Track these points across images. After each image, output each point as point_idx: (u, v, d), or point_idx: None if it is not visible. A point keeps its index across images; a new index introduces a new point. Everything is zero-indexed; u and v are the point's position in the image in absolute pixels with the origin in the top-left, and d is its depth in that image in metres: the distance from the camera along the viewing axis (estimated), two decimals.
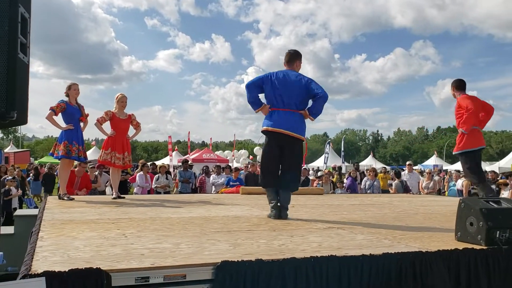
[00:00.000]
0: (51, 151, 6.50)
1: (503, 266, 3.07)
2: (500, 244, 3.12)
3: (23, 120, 2.57)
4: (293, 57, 4.83)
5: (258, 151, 31.77)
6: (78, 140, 6.32)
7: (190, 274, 2.47)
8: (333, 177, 13.09)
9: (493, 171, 14.32)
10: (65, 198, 6.25)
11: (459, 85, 6.28)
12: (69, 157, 6.26)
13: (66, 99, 6.39)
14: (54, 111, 6.18)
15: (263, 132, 4.73)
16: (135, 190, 11.02)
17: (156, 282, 2.40)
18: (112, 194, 6.83)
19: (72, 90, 6.42)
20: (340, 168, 18.89)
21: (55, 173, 16.50)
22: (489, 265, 3.04)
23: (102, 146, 6.96)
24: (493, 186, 9.39)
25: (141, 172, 10.86)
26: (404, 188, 11.70)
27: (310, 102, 4.72)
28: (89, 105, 6.64)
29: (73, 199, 6.30)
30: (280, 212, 4.59)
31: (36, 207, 11.99)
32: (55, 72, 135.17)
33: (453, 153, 6.37)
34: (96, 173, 10.90)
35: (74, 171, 8.79)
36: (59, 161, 6.55)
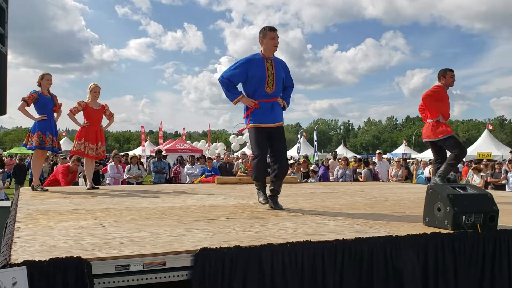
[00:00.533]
0: (24, 142, 6.40)
1: (468, 249, 3.24)
2: (466, 228, 3.29)
3: (2, 111, 2.55)
4: None
5: (233, 139, 31.81)
6: (52, 131, 6.25)
7: (170, 262, 2.52)
8: (307, 166, 13.26)
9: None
10: (39, 189, 6.17)
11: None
12: (42, 148, 6.18)
13: (38, 89, 6.29)
14: (26, 101, 6.07)
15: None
16: (107, 181, 10.94)
17: (136, 269, 2.44)
18: (86, 185, 6.77)
19: (45, 80, 6.32)
20: (306, 156, 19.10)
21: (26, 164, 16.18)
22: (455, 248, 3.19)
23: (75, 136, 6.88)
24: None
25: (112, 163, 10.78)
26: (373, 176, 12.01)
27: None
28: (59, 95, 6.49)
29: (47, 190, 6.22)
30: (275, 203, 4.57)
31: (7, 198, 11.74)
32: (23, 61, 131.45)
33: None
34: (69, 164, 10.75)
35: (69, 166, 8.69)
36: (33, 152, 6.46)
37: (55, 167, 11.10)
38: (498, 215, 3.45)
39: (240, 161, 14.25)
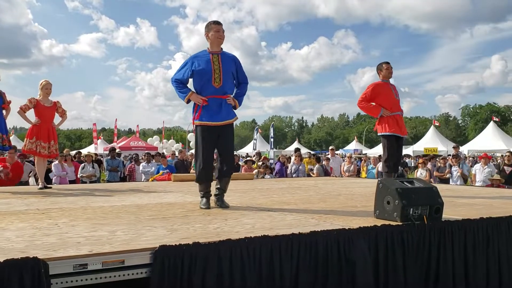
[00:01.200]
0: None
1: (416, 240, 3.43)
2: (413, 220, 3.47)
3: None
4: None
5: (191, 137, 31.60)
6: (1, 129, 6.01)
7: (129, 260, 2.54)
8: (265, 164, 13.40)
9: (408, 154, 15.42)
10: None
11: None
12: (3, 148, 5.94)
13: None
14: None
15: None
16: (53, 180, 10.55)
17: (94, 268, 2.44)
18: (38, 184, 6.57)
19: None
20: (258, 153, 19.24)
21: None
22: (404, 239, 3.37)
23: (26, 135, 6.64)
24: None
25: (57, 161, 10.44)
26: (325, 172, 12.33)
27: None
28: (6, 92, 6.23)
29: None
30: (221, 201, 4.54)
31: None
32: None
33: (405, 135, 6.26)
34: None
35: (5, 159, 8.35)
36: None
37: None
38: (442, 207, 3.66)
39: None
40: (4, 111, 6.20)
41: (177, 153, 14.44)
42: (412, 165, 24.87)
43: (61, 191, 6.27)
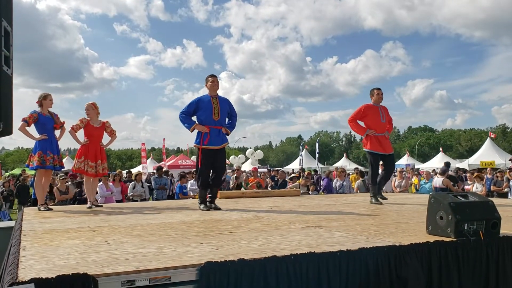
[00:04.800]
0: (26, 163, 6.44)
1: (472, 256, 3.25)
2: (468, 235, 3.30)
3: (8, 131, 2.61)
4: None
5: (233, 160, 32.14)
6: (53, 150, 6.28)
7: (175, 276, 2.54)
8: (311, 179, 13.29)
9: (464, 168, 14.80)
10: (42, 208, 6.17)
11: None
12: (44, 167, 6.21)
13: (38, 109, 6.34)
14: (26, 122, 6.12)
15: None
16: (98, 201, 10.80)
17: (142, 285, 2.46)
18: (87, 204, 6.77)
19: (48, 100, 6.38)
20: (302, 169, 19.09)
21: (29, 184, 16.20)
22: (459, 256, 3.21)
23: (76, 155, 6.89)
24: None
25: (101, 182, 10.71)
26: (366, 188, 12.00)
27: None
28: (60, 115, 6.51)
29: (51, 209, 6.23)
30: (213, 205, 6.07)
31: (10, 219, 11.76)
32: (22, 81, 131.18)
33: (390, 153, 6.96)
34: (68, 183, 10.78)
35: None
36: (35, 172, 6.49)
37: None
38: (500, 222, 3.46)
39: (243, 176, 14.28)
40: (58, 132, 6.49)
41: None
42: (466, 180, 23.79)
43: (111, 209, 6.44)
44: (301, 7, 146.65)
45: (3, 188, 16.31)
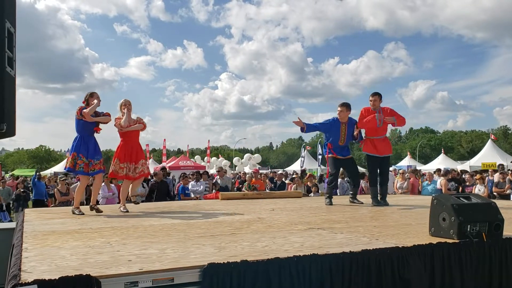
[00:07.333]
0: (66, 166, 6.17)
1: (475, 257, 3.24)
2: (471, 237, 3.29)
3: (11, 132, 2.61)
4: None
5: (237, 162, 32.34)
6: (88, 154, 5.90)
7: (178, 277, 2.55)
8: (314, 179, 13.28)
9: (465, 170, 14.79)
10: (76, 212, 5.87)
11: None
12: (73, 171, 6.00)
13: (86, 110, 5.89)
14: (83, 109, 5.84)
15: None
16: (99, 202, 10.74)
17: (145, 286, 2.46)
18: (121, 207, 6.35)
19: (95, 98, 5.98)
20: (303, 171, 19.05)
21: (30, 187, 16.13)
22: (462, 257, 3.20)
23: (113, 156, 6.42)
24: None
25: (103, 183, 10.68)
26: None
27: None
28: (60, 116, 6.35)
29: (83, 214, 5.86)
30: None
31: (10, 220, 11.77)
32: (22, 81, 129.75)
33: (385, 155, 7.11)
34: (70, 186, 10.80)
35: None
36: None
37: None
38: (503, 224, 3.45)
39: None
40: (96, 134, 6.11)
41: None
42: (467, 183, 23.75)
43: (113, 210, 6.41)
44: (302, 7, 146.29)
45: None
